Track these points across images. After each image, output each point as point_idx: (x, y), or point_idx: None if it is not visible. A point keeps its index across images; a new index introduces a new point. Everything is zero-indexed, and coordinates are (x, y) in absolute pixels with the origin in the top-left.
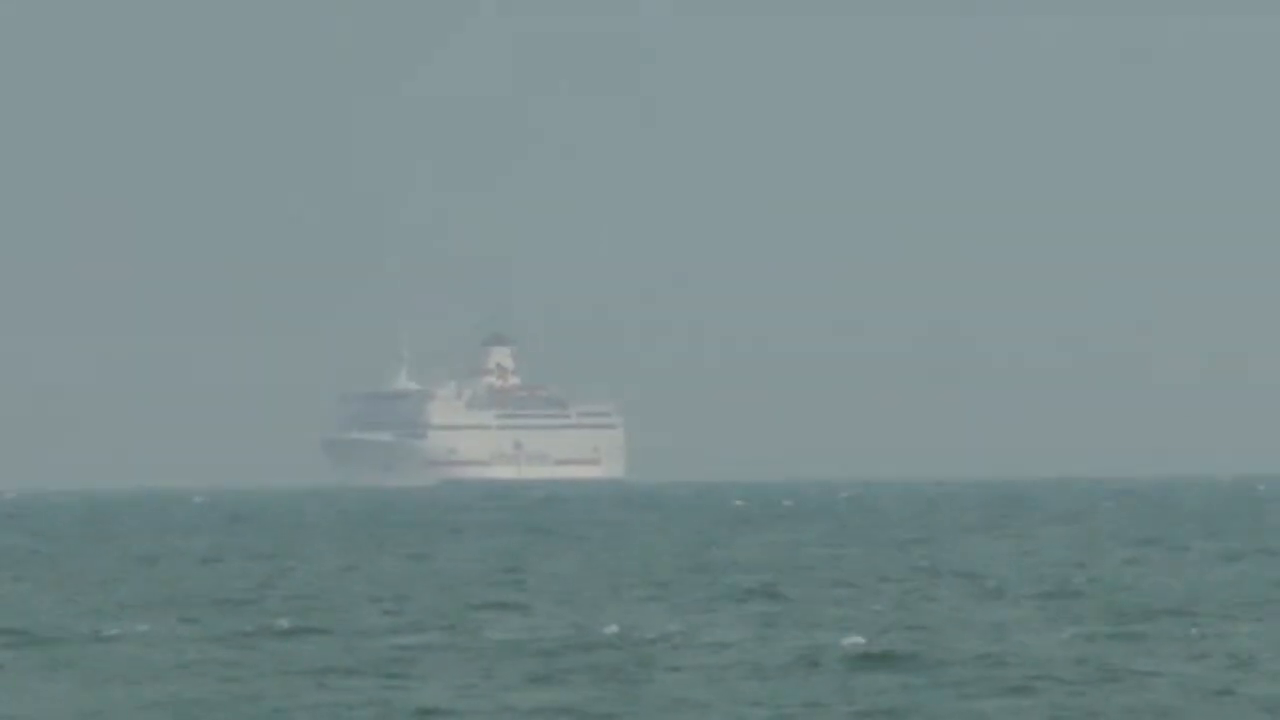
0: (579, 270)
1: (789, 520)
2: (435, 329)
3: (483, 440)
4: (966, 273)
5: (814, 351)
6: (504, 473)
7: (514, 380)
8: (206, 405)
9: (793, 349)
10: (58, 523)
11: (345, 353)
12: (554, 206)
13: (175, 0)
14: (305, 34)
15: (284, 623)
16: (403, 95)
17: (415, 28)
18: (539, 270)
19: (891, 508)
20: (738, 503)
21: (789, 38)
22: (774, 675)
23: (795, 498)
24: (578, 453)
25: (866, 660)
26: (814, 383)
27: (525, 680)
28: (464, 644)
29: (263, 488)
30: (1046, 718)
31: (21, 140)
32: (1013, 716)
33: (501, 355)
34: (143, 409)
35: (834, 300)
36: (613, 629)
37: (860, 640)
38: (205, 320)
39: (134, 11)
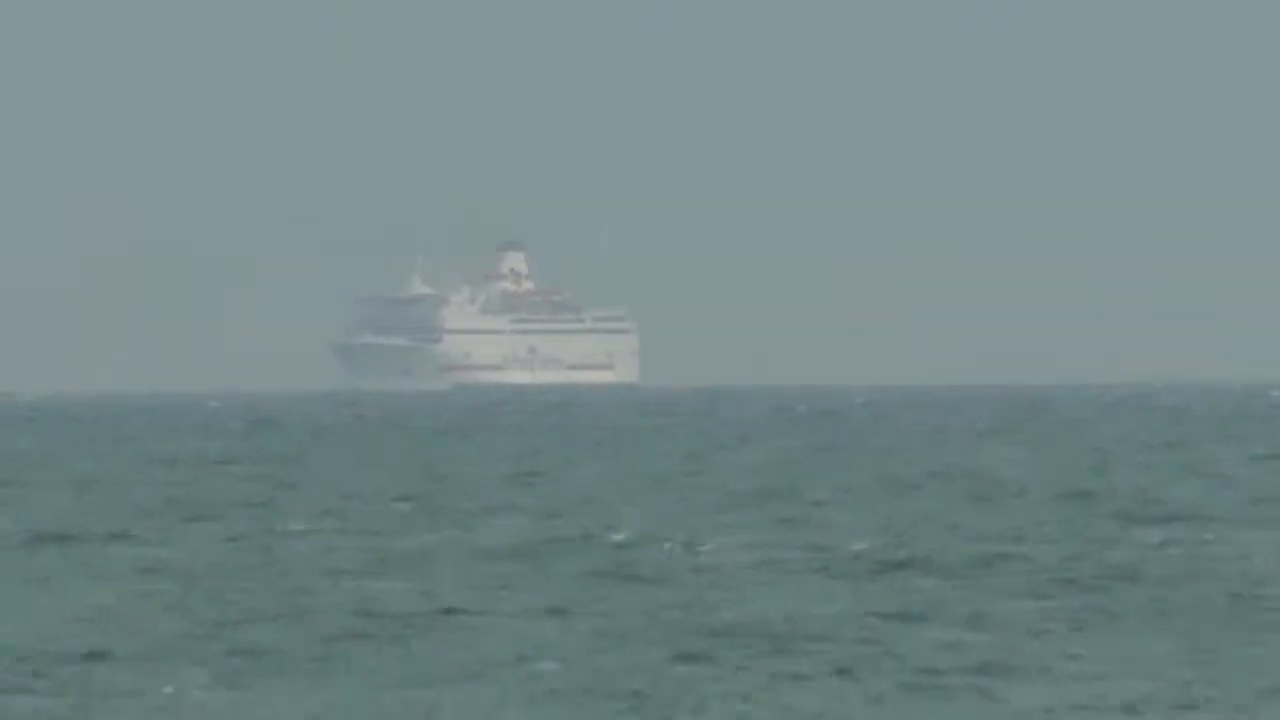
0: (592, 174)
1: (803, 425)
2: (448, 234)
3: (497, 345)
4: (977, 176)
5: (828, 256)
6: (518, 377)
7: (528, 285)
8: (220, 308)
9: (808, 253)
10: (74, 425)
11: (357, 257)
12: (564, 110)
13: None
14: None
15: (300, 524)
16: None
17: None
18: (552, 174)
19: (907, 413)
20: (751, 407)
21: None
22: (787, 579)
23: (809, 403)
24: (591, 358)
25: (880, 564)
26: (829, 288)
27: (542, 582)
28: (480, 544)
29: (276, 391)
30: (1067, 620)
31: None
32: (1033, 618)
33: (515, 260)
34: (156, 311)
35: (848, 204)
36: (627, 533)
37: (874, 544)
38: (219, 223)
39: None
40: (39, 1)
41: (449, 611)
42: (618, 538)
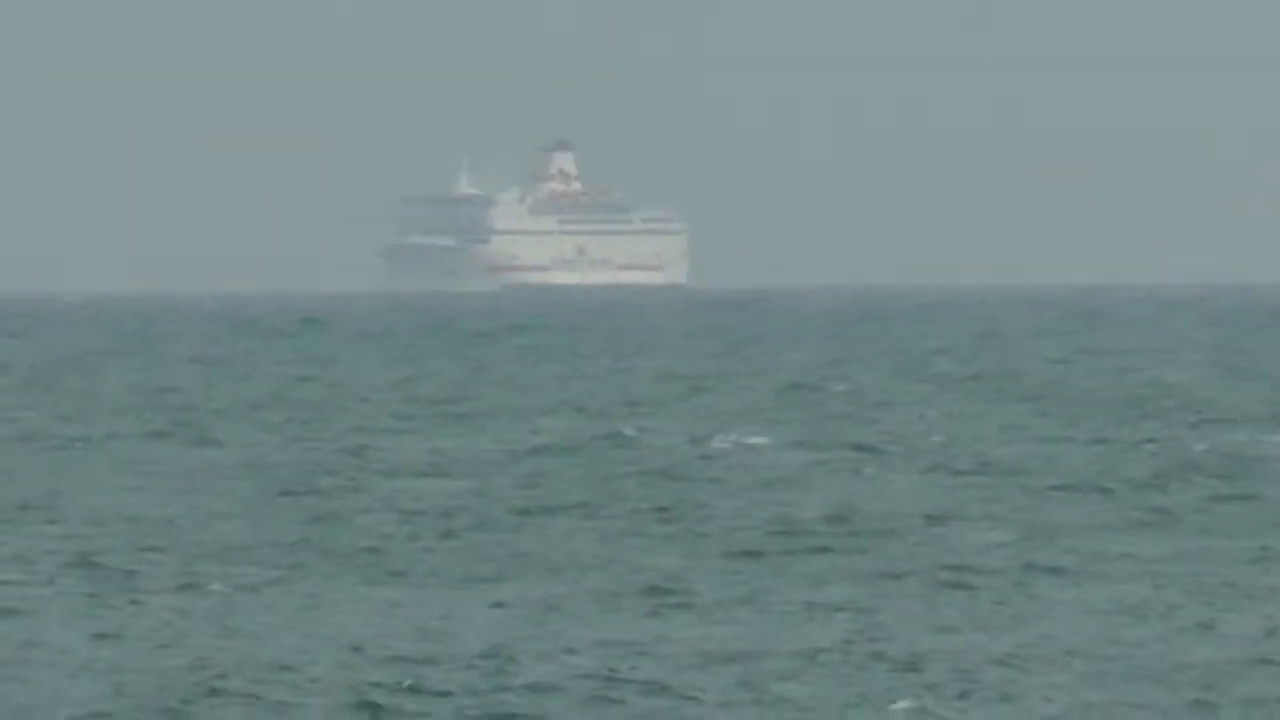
0: (639, 76)
1: (854, 325)
2: (497, 134)
3: (545, 245)
4: (1043, 71)
5: (882, 155)
6: (566, 278)
7: (576, 185)
8: (266, 209)
9: (859, 152)
10: (117, 326)
11: (405, 157)
12: (614, 11)
13: None
14: None
15: (349, 424)
16: None
17: None
18: (601, 76)
19: (958, 314)
20: (800, 308)
21: None
22: (834, 478)
23: (859, 304)
24: (640, 259)
25: (930, 464)
26: (883, 186)
27: (590, 482)
28: (530, 444)
29: (321, 293)
30: (1117, 520)
31: None
32: (1084, 517)
33: (565, 161)
34: (201, 212)
35: (900, 102)
36: (676, 433)
37: (923, 444)
38: (265, 123)
39: None
40: None
41: (500, 511)
42: (666, 438)
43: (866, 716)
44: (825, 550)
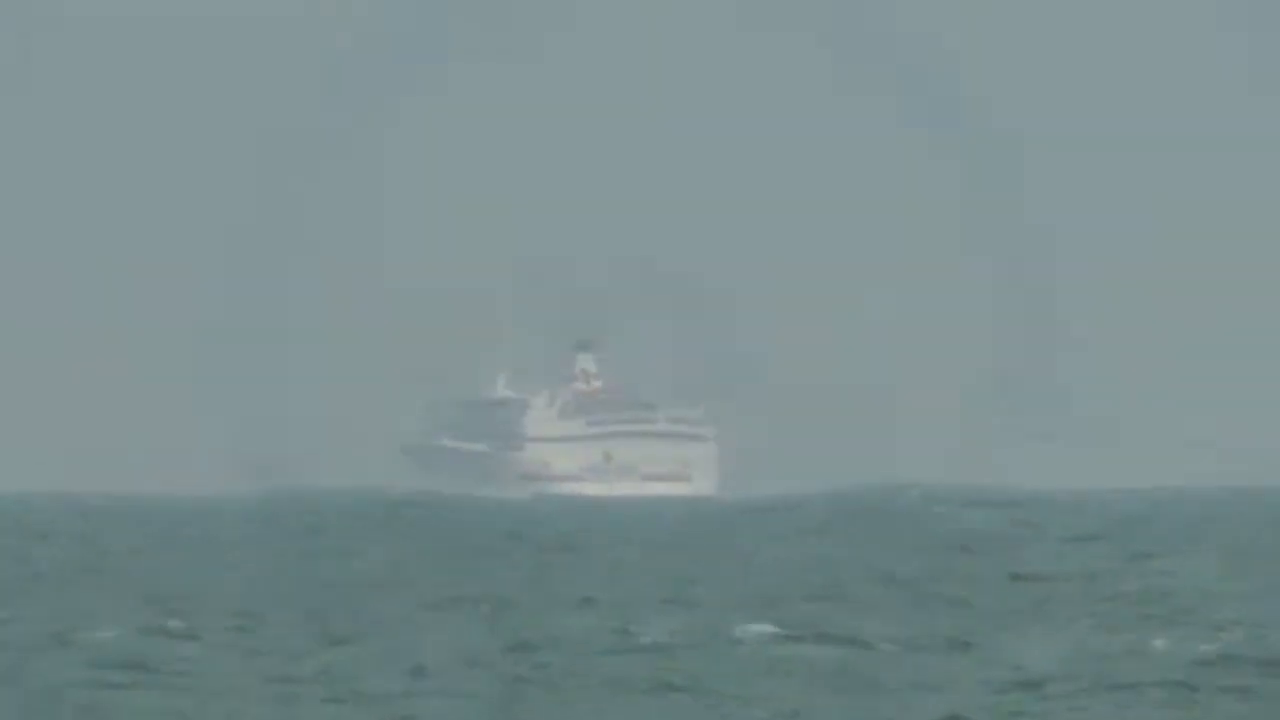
0: (664, 272)
1: (885, 523)
2: (526, 336)
3: (574, 453)
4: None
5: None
6: (593, 489)
7: (597, 384)
8: (287, 404)
9: (882, 356)
10: (151, 527)
11: (428, 358)
12: (631, 206)
13: None
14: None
15: (375, 613)
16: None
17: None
18: (618, 271)
19: (983, 515)
20: (825, 506)
21: None
22: (859, 689)
23: (894, 501)
24: (667, 467)
25: (955, 671)
26: (919, 387)
27: (604, 679)
28: (548, 635)
29: (344, 489)
30: None
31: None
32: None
33: (585, 361)
34: (212, 408)
35: (934, 294)
36: (692, 634)
37: (955, 643)
38: (281, 319)
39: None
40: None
41: (516, 706)
42: (685, 635)
43: None
44: None
